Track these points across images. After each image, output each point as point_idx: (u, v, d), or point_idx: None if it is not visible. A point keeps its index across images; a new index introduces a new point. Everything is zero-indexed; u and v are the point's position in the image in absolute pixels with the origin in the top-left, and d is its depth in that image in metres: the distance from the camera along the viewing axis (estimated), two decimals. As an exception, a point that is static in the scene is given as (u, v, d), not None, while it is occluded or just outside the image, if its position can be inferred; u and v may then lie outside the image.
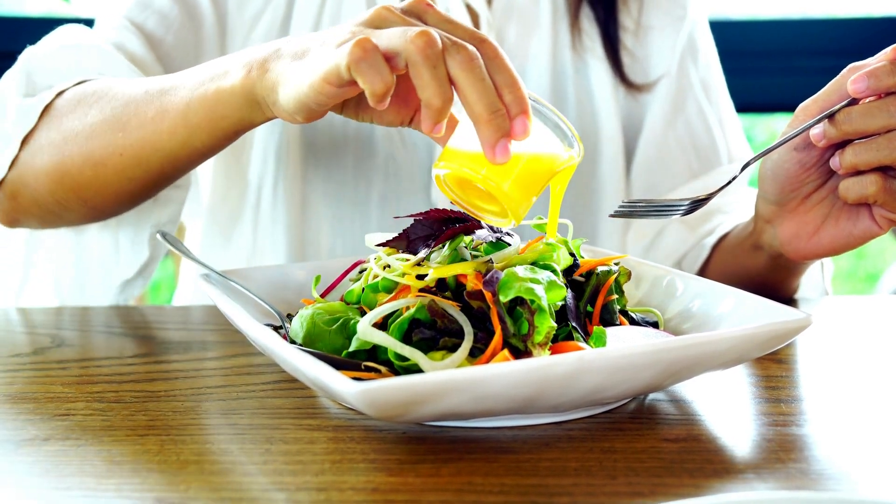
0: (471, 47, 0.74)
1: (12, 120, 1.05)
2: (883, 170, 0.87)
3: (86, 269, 1.18)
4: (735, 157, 1.35)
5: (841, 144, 0.88)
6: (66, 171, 1.03)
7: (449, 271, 0.74)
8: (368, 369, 0.72)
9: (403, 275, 0.75)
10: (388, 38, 0.74)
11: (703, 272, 1.23)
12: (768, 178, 0.95)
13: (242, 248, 1.28)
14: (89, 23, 1.23)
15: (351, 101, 0.86)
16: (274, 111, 0.85)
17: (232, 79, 0.88)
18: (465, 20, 1.24)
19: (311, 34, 0.83)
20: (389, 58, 0.74)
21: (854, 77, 0.84)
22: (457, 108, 0.78)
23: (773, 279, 1.09)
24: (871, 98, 0.84)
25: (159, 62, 1.18)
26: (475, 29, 0.78)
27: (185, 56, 1.21)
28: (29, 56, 1.12)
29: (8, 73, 1.12)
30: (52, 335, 1.00)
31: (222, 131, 0.93)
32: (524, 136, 0.74)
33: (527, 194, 0.76)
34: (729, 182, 0.87)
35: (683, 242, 1.27)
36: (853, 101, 0.85)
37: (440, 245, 0.77)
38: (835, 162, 0.88)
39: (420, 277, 0.75)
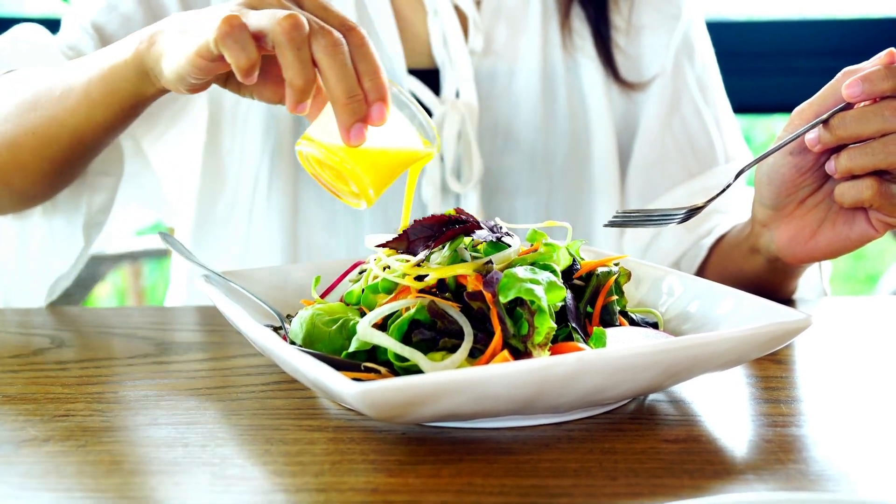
0: (336, 33, 0.79)
1: None
2: (878, 174, 0.87)
3: (27, 259, 1.19)
4: (732, 156, 1.34)
5: (837, 149, 0.88)
6: None
7: (449, 272, 0.74)
8: (368, 370, 0.72)
9: (403, 276, 0.75)
10: (258, 18, 0.79)
11: (700, 273, 1.23)
12: (764, 183, 0.95)
13: (234, 249, 1.28)
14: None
15: (232, 77, 0.91)
16: (161, 82, 0.91)
17: (124, 52, 0.93)
18: (453, 21, 1.24)
19: (199, 10, 0.88)
20: (259, 37, 0.79)
21: (848, 82, 0.84)
22: None
23: (770, 281, 1.09)
24: (866, 102, 0.84)
25: None
26: (346, 17, 0.82)
27: None
28: None
29: None
30: (52, 336, 1.00)
31: (119, 104, 0.97)
32: (380, 122, 0.79)
33: (379, 180, 0.82)
34: (724, 190, 0.87)
35: (681, 243, 1.27)
36: (848, 106, 0.85)
37: (440, 246, 0.77)
38: (830, 166, 0.89)
39: (420, 279, 0.75)
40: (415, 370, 0.69)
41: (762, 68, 1.96)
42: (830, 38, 1.94)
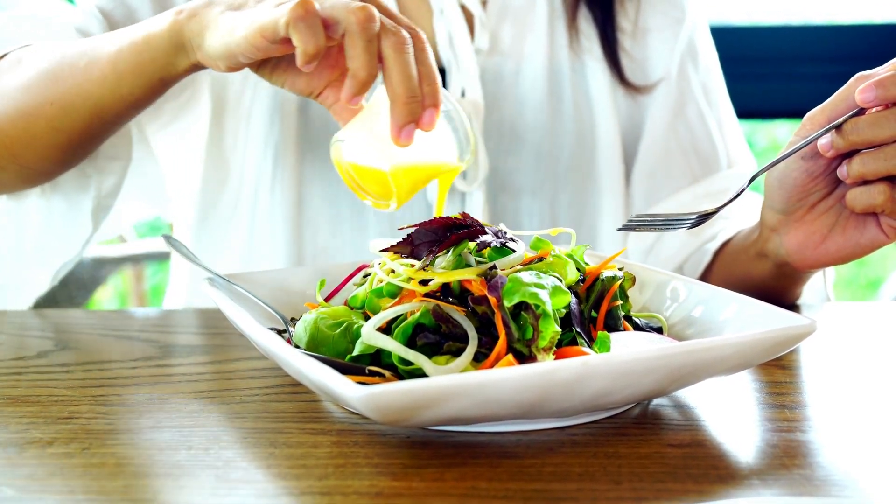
0: (405, 33, 0.80)
1: None
2: (891, 179, 0.87)
3: (25, 243, 1.19)
4: (735, 161, 1.34)
5: (848, 154, 0.88)
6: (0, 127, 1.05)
7: (453, 276, 0.73)
8: (372, 374, 0.72)
9: (408, 280, 0.75)
10: (332, 6, 0.80)
11: (704, 277, 1.23)
12: (775, 188, 0.95)
13: (237, 249, 1.28)
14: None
15: (270, 62, 0.91)
16: (198, 55, 0.90)
17: (161, 24, 0.93)
18: (459, 20, 1.24)
19: None
20: (328, 25, 0.80)
21: (862, 87, 0.84)
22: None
23: (776, 287, 1.09)
24: (879, 108, 0.84)
25: None
26: (410, 22, 0.84)
27: None
28: None
29: None
30: (55, 338, 1.00)
31: (147, 77, 0.96)
32: (430, 127, 0.80)
33: (412, 185, 0.84)
34: (738, 194, 0.87)
35: (684, 247, 1.27)
36: (861, 111, 0.85)
37: (444, 251, 0.77)
38: (842, 171, 0.88)
39: (424, 283, 0.75)
40: (419, 374, 0.69)
41: (765, 74, 1.96)
42: (833, 44, 1.94)
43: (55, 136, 1.03)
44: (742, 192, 0.88)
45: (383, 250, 0.78)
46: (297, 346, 0.77)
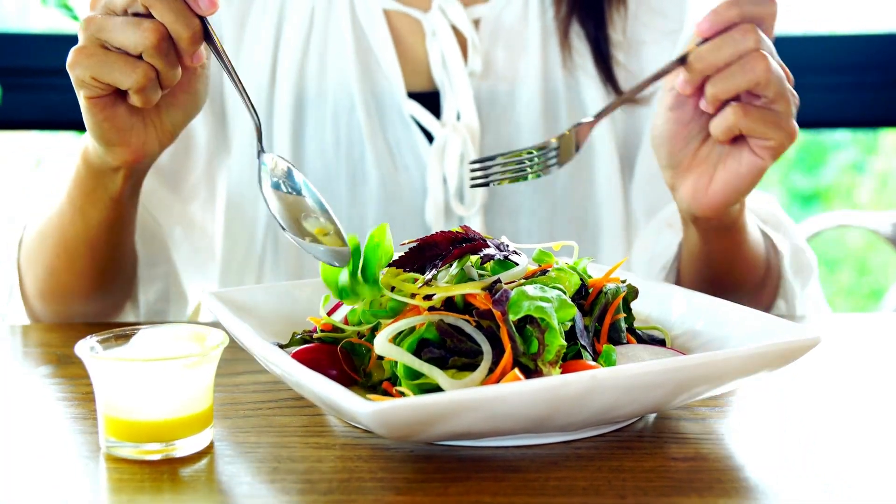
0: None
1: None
2: (745, 100, 0.89)
3: None
4: None
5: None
6: (40, 293, 1.11)
7: (457, 290, 0.73)
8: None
9: (412, 296, 0.75)
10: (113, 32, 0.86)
11: (680, 272, 1.21)
12: (657, 145, 0.97)
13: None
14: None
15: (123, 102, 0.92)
16: (103, 154, 0.95)
17: (75, 163, 1.00)
18: (451, 43, 1.24)
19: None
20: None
21: (699, 21, 0.88)
22: None
23: (717, 256, 1.07)
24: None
25: None
26: None
27: None
28: None
29: None
30: (57, 353, 1.00)
31: (100, 202, 1.01)
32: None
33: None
34: (588, 122, 0.89)
35: (671, 247, 1.26)
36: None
37: (447, 265, 0.77)
38: (703, 104, 0.91)
39: (427, 297, 0.75)
40: (427, 388, 0.69)
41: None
42: (835, 54, 1.94)
43: (80, 279, 1.08)
44: (596, 118, 0.91)
45: (389, 265, 0.78)
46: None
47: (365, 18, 1.24)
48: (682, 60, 0.89)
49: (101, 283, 1.10)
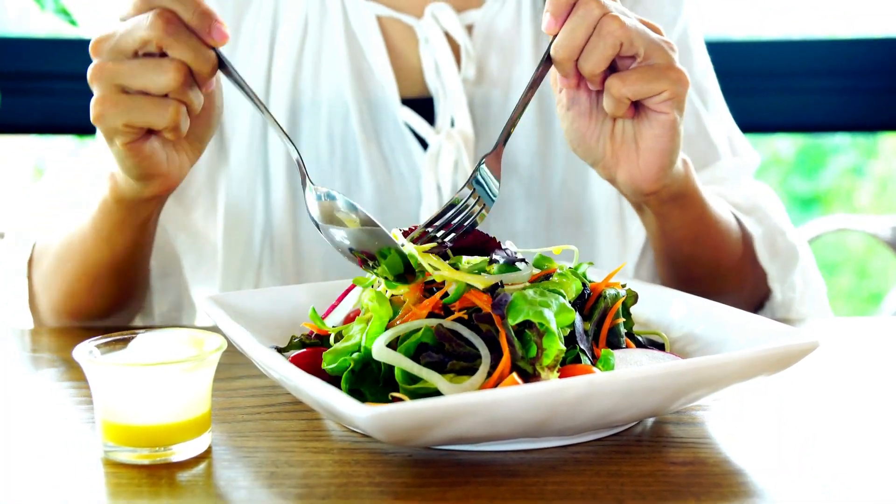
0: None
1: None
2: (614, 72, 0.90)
3: None
4: (738, 151, 1.32)
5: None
6: (55, 312, 1.11)
7: (461, 278, 0.73)
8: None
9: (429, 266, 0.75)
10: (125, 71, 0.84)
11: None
12: (575, 148, 0.98)
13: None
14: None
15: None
16: (139, 188, 0.94)
17: (102, 192, 0.99)
18: (444, 49, 1.23)
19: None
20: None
21: (545, 24, 0.88)
22: None
23: (680, 234, 1.07)
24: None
25: None
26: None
27: None
28: None
29: None
30: (55, 358, 1.00)
31: (130, 228, 1.01)
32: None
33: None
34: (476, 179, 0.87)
35: (641, 230, 1.26)
36: None
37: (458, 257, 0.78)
38: (585, 88, 0.93)
39: (430, 292, 0.75)
40: (424, 392, 0.69)
41: (765, 88, 1.95)
42: (833, 58, 1.94)
43: (102, 299, 1.09)
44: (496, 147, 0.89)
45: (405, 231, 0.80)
46: None
47: (358, 25, 1.24)
48: (549, 59, 0.89)
49: (119, 300, 1.11)
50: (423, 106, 1.24)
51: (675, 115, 0.91)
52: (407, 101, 1.24)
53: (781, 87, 1.98)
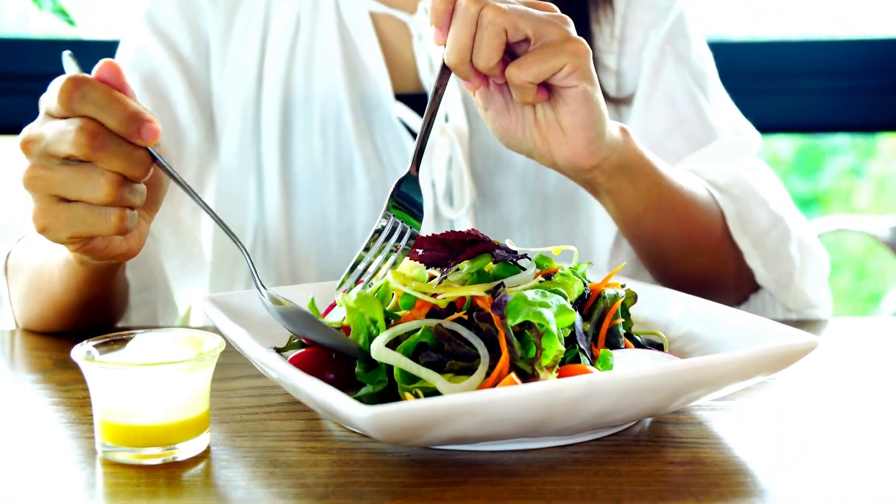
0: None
1: None
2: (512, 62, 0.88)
3: None
4: (740, 130, 1.31)
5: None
6: (28, 326, 1.10)
7: (462, 292, 0.73)
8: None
9: (423, 293, 0.74)
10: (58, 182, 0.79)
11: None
12: (508, 146, 0.97)
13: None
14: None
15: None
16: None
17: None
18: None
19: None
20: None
21: (433, 37, 0.88)
22: None
23: (639, 209, 1.06)
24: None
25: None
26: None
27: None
28: None
29: None
30: (53, 357, 1.00)
31: (96, 278, 0.98)
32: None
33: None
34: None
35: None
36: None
37: (455, 268, 0.77)
38: (495, 85, 0.93)
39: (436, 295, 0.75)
40: (424, 392, 0.69)
41: (765, 88, 1.95)
42: (833, 59, 1.94)
43: (73, 322, 1.06)
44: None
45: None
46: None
47: (351, 21, 1.24)
48: (445, 66, 0.89)
49: (94, 323, 1.09)
50: (417, 101, 1.24)
51: (584, 85, 0.90)
52: (401, 97, 1.23)
53: (780, 88, 1.98)
